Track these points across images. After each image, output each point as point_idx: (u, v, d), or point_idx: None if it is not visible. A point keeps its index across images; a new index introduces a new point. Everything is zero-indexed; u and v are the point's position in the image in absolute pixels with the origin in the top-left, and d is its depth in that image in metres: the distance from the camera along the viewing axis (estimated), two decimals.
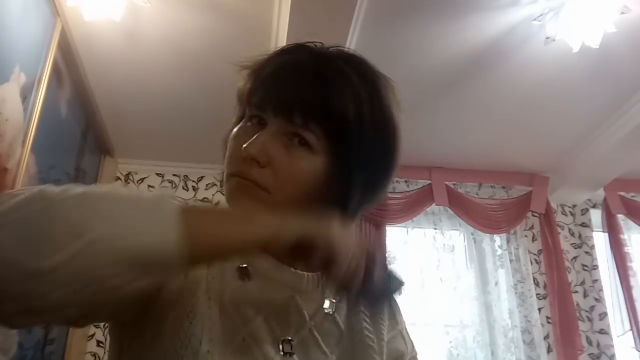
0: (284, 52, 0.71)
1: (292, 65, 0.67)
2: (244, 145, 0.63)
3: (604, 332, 3.17)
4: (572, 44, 2.15)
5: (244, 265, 0.65)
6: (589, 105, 2.75)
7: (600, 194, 3.37)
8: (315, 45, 0.70)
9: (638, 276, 3.19)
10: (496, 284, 3.17)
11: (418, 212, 3.20)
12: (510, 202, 3.32)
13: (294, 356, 0.63)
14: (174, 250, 0.47)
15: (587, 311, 3.21)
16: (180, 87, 2.57)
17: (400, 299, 0.71)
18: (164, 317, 0.59)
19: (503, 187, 3.41)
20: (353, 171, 0.65)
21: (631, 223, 3.38)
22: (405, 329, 0.79)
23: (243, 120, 0.69)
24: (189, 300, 0.60)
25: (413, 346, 0.78)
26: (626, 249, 3.24)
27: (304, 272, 0.67)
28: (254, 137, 0.64)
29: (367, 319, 0.73)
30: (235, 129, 0.68)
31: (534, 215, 3.36)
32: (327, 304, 0.69)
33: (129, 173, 3.22)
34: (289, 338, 0.64)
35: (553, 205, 3.39)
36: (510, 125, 2.93)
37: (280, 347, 0.63)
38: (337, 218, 0.59)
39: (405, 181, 3.33)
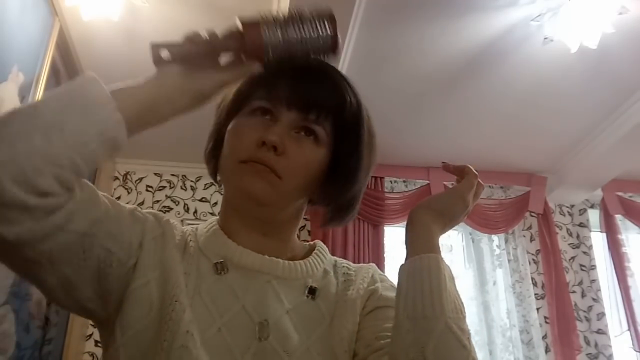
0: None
1: (303, 66, 0.73)
2: (265, 134, 0.68)
3: (601, 332, 3.17)
4: (570, 45, 2.16)
5: (221, 260, 0.69)
6: (587, 106, 2.75)
7: (598, 194, 3.38)
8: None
9: (636, 276, 3.19)
10: (494, 283, 3.17)
11: None
12: (509, 202, 3.33)
13: (270, 339, 0.65)
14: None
15: (584, 311, 3.21)
16: None
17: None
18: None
19: (501, 187, 3.41)
20: (345, 163, 0.73)
21: (629, 223, 3.38)
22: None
23: (244, 113, 0.74)
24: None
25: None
26: (624, 249, 3.24)
27: (279, 259, 0.71)
28: (272, 127, 0.69)
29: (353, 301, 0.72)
30: (241, 121, 0.73)
31: (532, 216, 3.36)
32: (307, 291, 0.71)
33: (127, 173, 3.21)
34: (266, 321, 0.66)
35: (551, 205, 3.40)
36: (508, 126, 2.93)
37: (257, 330, 0.65)
38: None
39: (404, 181, 3.34)
